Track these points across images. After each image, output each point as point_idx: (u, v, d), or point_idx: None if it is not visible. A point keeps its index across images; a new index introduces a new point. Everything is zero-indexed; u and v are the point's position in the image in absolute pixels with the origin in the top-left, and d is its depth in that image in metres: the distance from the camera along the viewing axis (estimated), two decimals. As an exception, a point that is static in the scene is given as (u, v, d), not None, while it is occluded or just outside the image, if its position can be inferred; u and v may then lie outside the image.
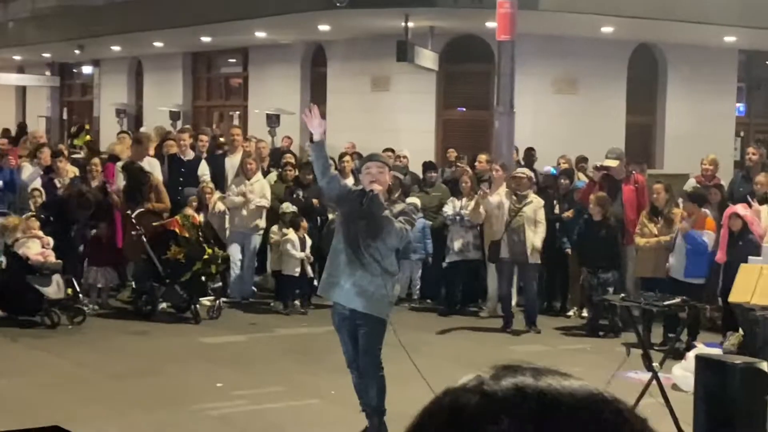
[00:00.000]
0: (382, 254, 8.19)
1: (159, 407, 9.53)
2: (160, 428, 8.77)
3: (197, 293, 13.83)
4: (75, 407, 9.05)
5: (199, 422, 9.09)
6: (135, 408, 9.45)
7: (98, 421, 8.34)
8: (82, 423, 7.65)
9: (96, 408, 9.24)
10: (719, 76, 22.68)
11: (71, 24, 28.13)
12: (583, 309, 14.45)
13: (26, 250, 13.14)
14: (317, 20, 20.40)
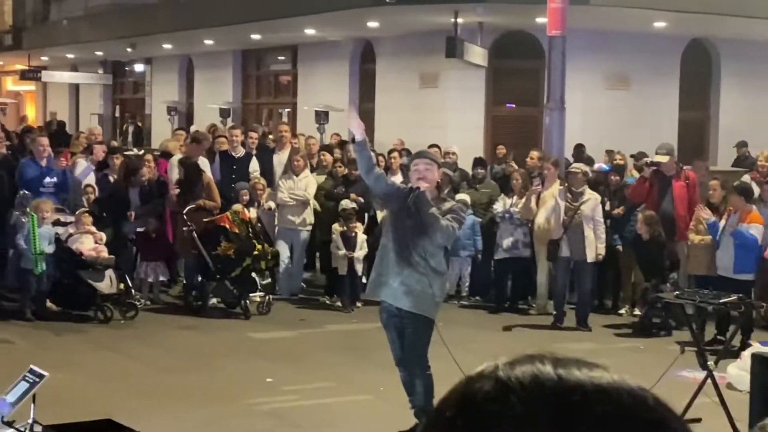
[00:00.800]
0: (429, 253, 8.13)
1: (209, 401, 9.56)
2: (210, 422, 8.79)
3: (247, 289, 13.85)
4: (126, 401, 9.09)
5: (249, 417, 9.10)
6: (185, 402, 9.50)
7: (149, 414, 8.37)
8: (133, 416, 7.67)
9: (147, 401, 9.27)
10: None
11: (124, 22, 28.40)
12: (635, 307, 14.36)
13: (79, 246, 13.24)
14: (366, 17, 20.44)
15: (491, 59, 19.96)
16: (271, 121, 25.43)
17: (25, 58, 34.17)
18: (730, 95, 22.11)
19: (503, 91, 21.42)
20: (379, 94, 23.09)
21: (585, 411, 0.90)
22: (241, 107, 27.65)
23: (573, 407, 0.91)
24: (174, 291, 15.14)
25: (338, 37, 23.53)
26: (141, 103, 32.14)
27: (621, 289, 14.96)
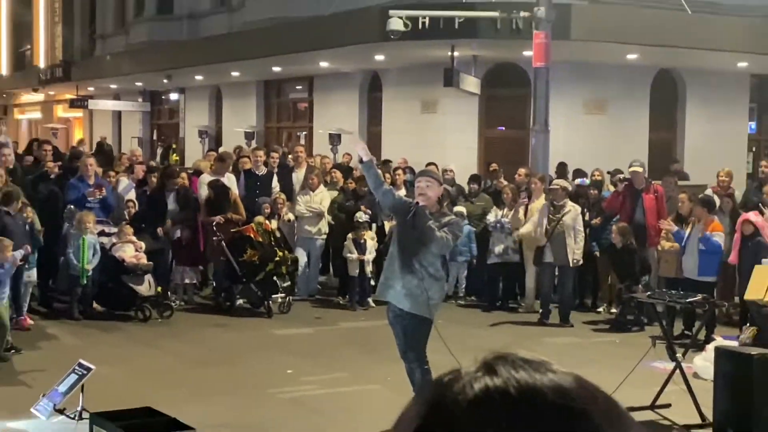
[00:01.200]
0: (428, 261, 8.14)
1: (237, 391, 9.55)
2: (238, 410, 8.78)
3: (270, 291, 13.86)
4: (164, 391, 9.10)
5: (273, 405, 9.11)
6: (216, 392, 9.49)
7: (183, 403, 8.37)
8: (169, 405, 7.68)
9: (182, 391, 9.29)
10: (733, 97, 22.49)
11: (160, 57, 28.46)
12: (611, 305, 14.35)
13: (122, 254, 13.28)
14: (373, 51, 20.45)
15: (484, 88, 19.96)
16: (290, 142, 25.40)
17: (73, 88, 34.27)
18: (694, 119, 22.08)
19: (494, 116, 21.39)
20: (385, 119, 23.10)
21: (514, 409, 0.88)
22: (264, 131, 27.66)
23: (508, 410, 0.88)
24: (205, 293, 15.16)
25: (349, 68, 23.54)
26: (176, 128, 32.16)
27: (599, 290, 14.95)
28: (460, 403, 0.89)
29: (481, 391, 0.89)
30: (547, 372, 0.91)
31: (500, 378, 0.90)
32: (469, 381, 0.90)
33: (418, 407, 0.93)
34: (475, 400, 0.88)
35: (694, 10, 19.76)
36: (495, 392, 0.88)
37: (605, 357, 11.16)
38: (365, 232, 14.53)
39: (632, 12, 19.60)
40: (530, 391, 0.89)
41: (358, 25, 19.80)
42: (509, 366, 0.92)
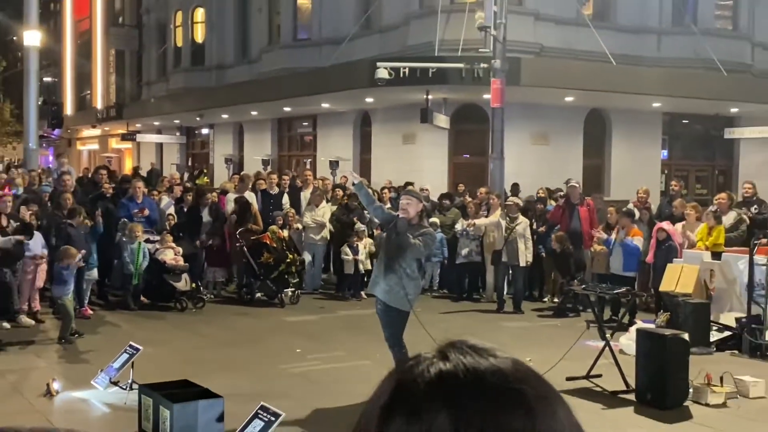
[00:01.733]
0: (406, 263, 8.11)
1: (256, 366, 9.55)
2: (257, 382, 8.76)
3: (282, 286, 13.86)
4: (198, 366, 9.06)
5: (285, 377, 9.09)
6: (239, 367, 9.49)
7: (214, 376, 8.36)
8: (203, 378, 7.67)
9: (212, 366, 9.25)
10: (649, 131, 22.67)
11: (194, 100, 28.51)
12: (554, 296, 14.39)
13: (164, 257, 13.27)
14: (364, 95, 20.54)
15: (452, 123, 20.07)
16: (297, 168, 25.43)
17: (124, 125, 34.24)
18: (618, 148, 22.22)
19: (461, 146, 21.50)
20: (374, 149, 23.17)
21: (461, 389, 0.86)
22: (277, 158, 27.72)
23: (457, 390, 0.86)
24: (230, 288, 15.13)
25: (345, 109, 23.63)
26: (206, 156, 32.17)
27: (544, 284, 14.98)
28: (419, 384, 0.87)
29: (435, 374, 0.87)
30: (489, 357, 0.90)
31: (451, 363, 0.88)
32: (426, 365, 0.89)
33: (386, 386, 0.91)
34: (430, 382, 0.87)
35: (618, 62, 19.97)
36: (446, 375, 0.87)
37: (549, 338, 11.19)
38: (362, 238, 14.56)
39: (569, 63, 19.80)
40: (474, 373, 0.87)
41: (352, 74, 19.88)
42: (458, 352, 0.90)
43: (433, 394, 0.85)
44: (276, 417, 6.07)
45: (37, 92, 21.95)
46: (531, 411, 0.84)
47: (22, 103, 24.70)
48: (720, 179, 24.47)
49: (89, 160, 42.68)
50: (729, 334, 10.87)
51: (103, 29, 41.30)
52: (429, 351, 0.94)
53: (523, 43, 19.93)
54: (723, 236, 12.52)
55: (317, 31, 25.68)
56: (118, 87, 40.62)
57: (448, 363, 0.89)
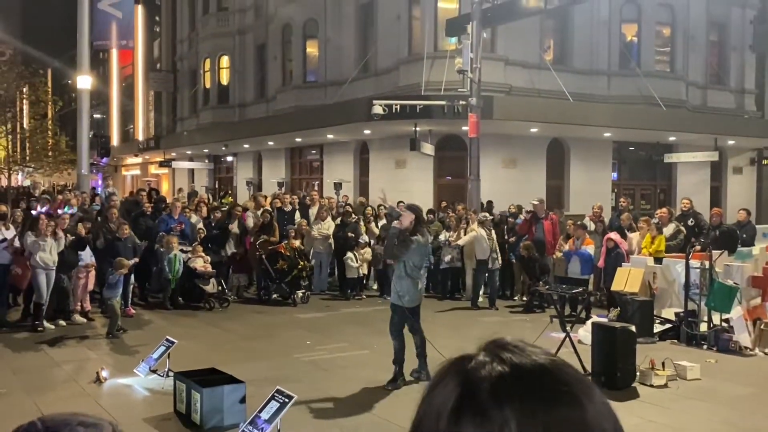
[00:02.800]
0: (406, 267, 8.14)
1: (272, 356, 9.55)
2: (274, 369, 8.75)
3: (295, 288, 13.85)
4: (223, 356, 9.06)
5: (297, 365, 9.07)
6: (258, 356, 9.49)
7: (236, 365, 8.36)
8: (227, 366, 7.67)
9: (235, 356, 9.26)
10: (601, 156, 22.73)
11: (220, 132, 28.51)
12: (523, 295, 14.37)
13: (195, 264, 13.25)
14: (363, 127, 20.58)
15: (437, 151, 20.10)
16: (307, 188, 25.44)
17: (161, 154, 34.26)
18: (576, 171, 22.28)
19: (444, 170, 21.52)
20: (371, 172, 23.18)
21: (524, 391, 0.79)
22: (290, 181, 27.72)
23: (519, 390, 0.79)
24: (251, 290, 15.11)
25: (346, 139, 23.68)
26: (230, 180, 32.16)
27: (515, 285, 14.98)
28: (485, 387, 0.79)
29: (497, 376, 0.80)
30: (532, 356, 0.83)
31: (507, 364, 0.81)
32: (487, 368, 0.81)
33: (450, 389, 0.81)
34: (494, 384, 0.79)
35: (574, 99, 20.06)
36: (507, 376, 0.80)
37: (519, 330, 11.19)
38: (363, 247, 14.58)
39: (534, 101, 19.89)
40: (529, 373, 0.81)
41: (352, 110, 19.93)
42: (507, 352, 0.83)
43: (498, 395, 0.78)
44: (290, 399, 6.06)
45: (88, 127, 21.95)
46: (580, 402, 0.79)
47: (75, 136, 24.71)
48: (661, 196, 24.54)
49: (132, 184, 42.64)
50: (669, 326, 10.89)
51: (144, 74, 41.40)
52: (478, 351, 0.86)
53: (495, 83, 20.01)
54: (663, 244, 12.57)
55: (323, 75, 25.76)
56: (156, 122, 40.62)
57: (505, 365, 0.81)
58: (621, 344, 8.10)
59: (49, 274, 11.18)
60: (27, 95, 36.57)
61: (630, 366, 8.17)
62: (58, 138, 39.52)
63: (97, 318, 12.07)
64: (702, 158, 22.22)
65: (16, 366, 8.91)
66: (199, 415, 6.60)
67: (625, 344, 8.13)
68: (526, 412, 0.77)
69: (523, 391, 0.78)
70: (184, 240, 13.75)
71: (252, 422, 6.15)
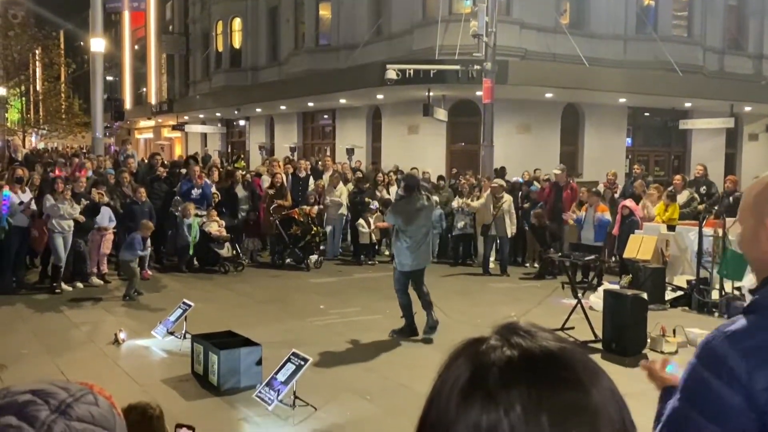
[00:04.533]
0: (401, 234, 8.38)
1: (286, 320, 9.63)
2: (289, 333, 8.84)
3: (308, 253, 13.92)
4: (239, 319, 9.13)
5: (311, 329, 9.17)
6: (273, 320, 9.57)
7: (252, 328, 8.44)
8: (243, 329, 7.76)
9: (251, 320, 9.34)
10: (616, 122, 22.54)
11: (232, 96, 28.46)
12: (535, 262, 14.39)
13: (210, 228, 13.33)
14: (376, 92, 20.47)
15: (450, 116, 20.00)
16: (319, 154, 25.43)
17: (174, 117, 34.27)
18: (590, 137, 22.13)
19: (457, 136, 21.44)
20: (384, 138, 23.12)
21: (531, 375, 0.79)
22: (303, 146, 27.70)
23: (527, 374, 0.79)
24: (265, 255, 15.20)
25: (359, 104, 23.58)
26: (243, 144, 32.15)
27: (527, 252, 14.99)
28: (494, 370, 0.79)
29: (506, 360, 0.80)
30: (542, 340, 0.83)
31: (516, 349, 0.81)
32: (497, 351, 0.81)
33: (461, 371, 0.81)
34: (503, 368, 0.79)
35: (590, 64, 19.82)
36: (516, 360, 0.80)
37: (530, 296, 11.23)
38: (373, 214, 14.62)
39: (549, 65, 19.66)
40: (537, 358, 0.81)
41: (365, 75, 19.81)
42: (517, 336, 0.83)
43: (506, 379, 0.79)
44: (305, 361, 6.16)
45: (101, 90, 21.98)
46: (585, 388, 0.79)
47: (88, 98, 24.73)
48: (675, 163, 24.36)
49: (145, 147, 42.74)
50: (681, 293, 10.91)
51: (156, 36, 41.18)
52: (491, 334, 0.86)
53: (510, 48, 19.79)
54: (678, 212, 12.52)
55: (336, 38, 25.54)
56: (169, 85, 40.51)
57: (515, 349, 0.82)
58: (632, 311, 8.13)
59: (66, 237, 11.31)
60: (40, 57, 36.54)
61: (641, 333, 8.20)
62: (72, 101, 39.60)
63: (113, 281, 12.21)
64: (717, 125, 21.99)
65: (36, 327, 9.06)
66: (216, 377, 6.71)
67: (636, 311, 8.16)
68: (532, 396, 0.77)
69: (530, 376, 0.79)
70: (202, 205, 13.82)
71: (268, 384, 6.26)
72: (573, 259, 9.93)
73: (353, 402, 6.45)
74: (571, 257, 9.99)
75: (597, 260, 10.09)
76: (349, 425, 5.89)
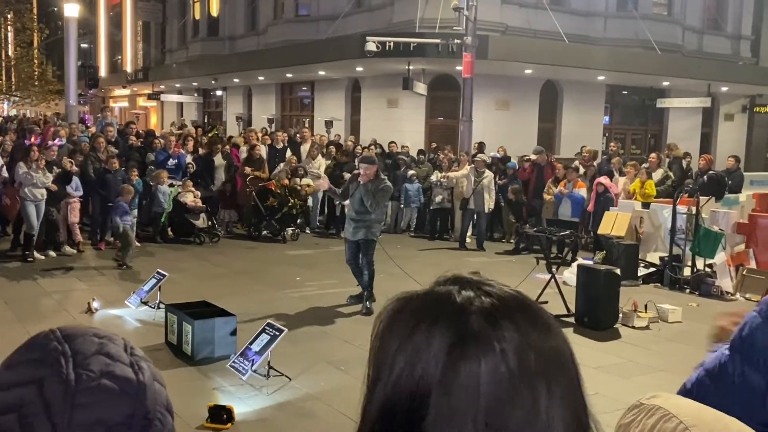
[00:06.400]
0: (370, 213, 8.52)
1: (263, 291, 9.63)
2: (264, 304, 8.84)
3: (285, 225, 13.88)
4: (214, 290, 9.10)
5: (287, 300, 9.17)
6: (249, 291, 9.57)
7: (227, 298, 8.43)
8: (218, 300, 7.75)
9: (226, 290, 9.32)
10: (594, 100, 22.59)
11: (210, 66, 28.07)
12: (511, 237, 14.47)
13: (185, 198, 13.23)
14: (355, 64, 20.30)
15: (429, 91, 19.90)
16: (297, 126, 25.19)
17: (150, 86, 33.74)
18: (568, 114, 22.17)
19: (436, 110, 21.37)
20: (363, 111, 22.99)
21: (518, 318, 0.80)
22: (280, 117, 27.46)
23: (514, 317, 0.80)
24: (241, 227, 15.13)
25: (338, 76, 23.37)
26: (220, 115, 31.82)
27: (504, 228, 15.04)
28: (477, 317, 0.79)
29: (488, 306, 0.80)
30: (501, 286, 0.85)
31: (491, 296, 0.82)
32: (472, 299, 0.81)
33: (432, 326, 0.79)
34: (488, 313, 0.79)
35: (570, 41, 19.81)
36: (498, 305, 0.80)
37: (506, 270, 11.30)
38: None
39: (529, 41, 19.63)
40: (513, 300, 0.82)
41: (345, 46, 19.62)
42: (486, 285, 0.85)
43: (497, 324, 0.78)
44: (280, 332, 6.17)
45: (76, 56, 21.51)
46: (553, 326, 0.83)
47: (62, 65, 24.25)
48: (652, 141, 24.55)
49: (120, 116, 42.13)
50: (653, 270, 11.06)
51: (132, 3, 40.35)
52: (441, 284, 0.85)
53: (491, 23, 19.70)
54: (654, 189, 12.64)
55: (315, 9, 25.24)
56: (144, 53, 39.83)
57: (492, 297, 0.82)
58: (605, 286, 8.24)
59: (39, 205, 11.15)
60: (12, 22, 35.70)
61: (613, 308, 8.33)
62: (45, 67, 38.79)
63: (87, 249, 12.08)
64: (694, 104, 22.16)
65: (8, 295, 8.96)
66: (190, 347, 6.70)
67: (609, 287, 8.27)
68: (522, 336, 0.78)
69: (515, 318, 0.80)
70: (177, 175, 13.67)
71: (243, 354, 6.27)
72: (548, 234, 10.00)
73: (328, 373, 6.47)
74: (546, 232, 10.06)
75: (572, 235, 10.16)
76: (323, 395, 5.92)
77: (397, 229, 15.24)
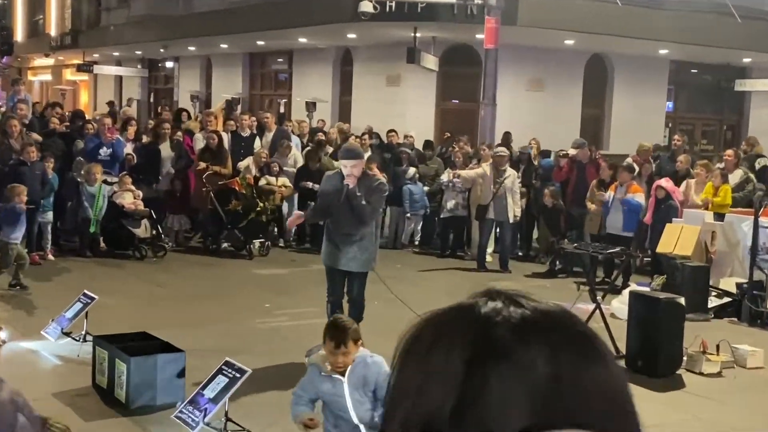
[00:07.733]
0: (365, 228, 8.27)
1: (221, 321, 9.62)
2: (223, 337, 8.83)
3: (251, 236, 13.88)
4: (157, 319, 9.07)
5: (252, 333, 9.17)
6: (204, 321, 9.55)
7: (175, 330, 8.38)
8: (163, 331, 7.71)
9: (173, 320, 9.30)
10: (654, 79, 22.69)
11: (158, 29, 28.15)
12: (545, 255, 14.41)
13: (122, 200, 13.24)
14: (346, 30, 20.34)
15: (441, 65, 19.95)
16: (271, 108, 25.23)
17: (80, 54, 33.81)
18: (620, 97, 22.24)
19: (450, 90, 21.42)
20: (355, 90, 23.05)
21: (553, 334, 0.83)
22: (249, 97, 27.51)
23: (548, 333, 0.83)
24: (195, 237, 15.10)
25: (324, 45, 23.42)
26: (170, 92, 31.93)
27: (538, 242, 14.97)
28: (506, 331, 0.82)
29: (519, 319, 0.83)
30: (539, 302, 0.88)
31: (523, 308, 0.85)
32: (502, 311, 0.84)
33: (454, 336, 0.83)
34: (516, 327, 0.82)
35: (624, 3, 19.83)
36: (530, 319, 0.83)
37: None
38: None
39: (571, 3, 19.64)
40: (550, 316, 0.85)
41: (333, 6, 19.66)
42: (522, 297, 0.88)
43: (525, 339, 0.81)
44: (242, 373, 6.15)
45: (-17, 15, 21.59)
46: (612, 362, 0.85)
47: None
48: (728, 134, 24.62)
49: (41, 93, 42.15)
50: (728, 300, 11.04)
51: (59, -53, 40.53)
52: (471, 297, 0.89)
53: (522, -22, 19.80)
54: (730, 196, 12.63)
55: (296, -42, 25.37)
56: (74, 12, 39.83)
57: (524, 308, 0.85)
58: (665, 321, 8.23)
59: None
60: None
61: (676, 348, 8.31)
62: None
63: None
64: (784, 87, 22.23)
65: None
66: (124, 391, 6.69)
67: (670, 321, 8.26)
68: (557, 358, 0.80)
69: (554, 335, 0.82)
70: (112, 168, 13.65)
71: (192, 401, 6.25)
72: (592, 251, 9.99)
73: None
74: (589, 249, 10.05)
75: (623, 254, 10.16)
76: (296, 457, 5.89)
77: (398, 242, 15.24)
